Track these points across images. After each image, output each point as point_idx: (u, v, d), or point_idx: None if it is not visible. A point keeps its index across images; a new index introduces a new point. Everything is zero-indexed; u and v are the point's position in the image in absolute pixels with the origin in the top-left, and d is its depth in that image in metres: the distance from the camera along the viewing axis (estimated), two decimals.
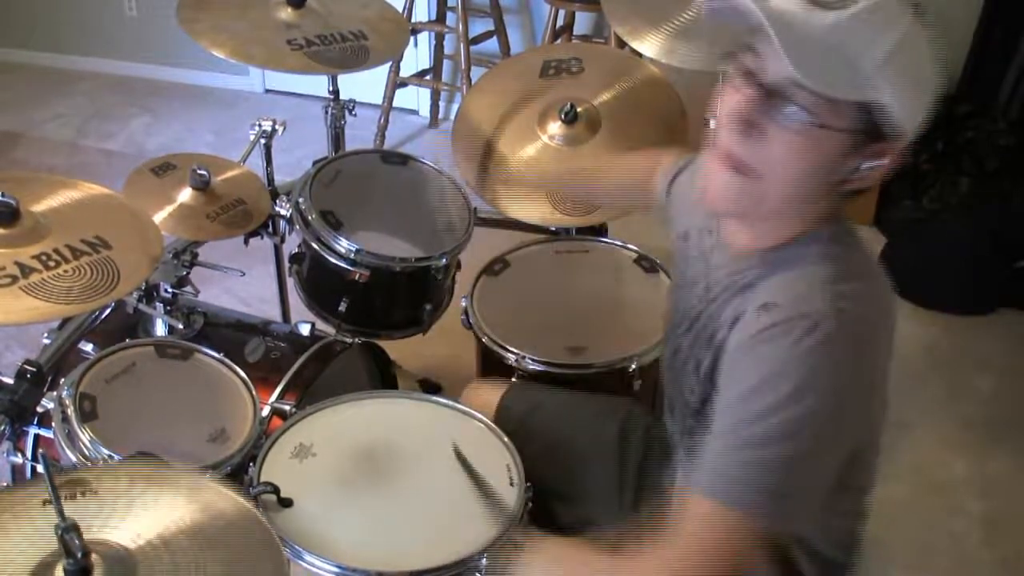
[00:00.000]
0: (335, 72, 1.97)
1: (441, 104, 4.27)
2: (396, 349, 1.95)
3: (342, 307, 1.80)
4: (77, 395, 1.36)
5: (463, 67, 3.74)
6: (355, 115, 2.12)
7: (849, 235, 1.00)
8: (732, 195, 0.96)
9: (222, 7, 1.86)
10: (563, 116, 1.86)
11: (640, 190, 1.37)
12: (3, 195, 1.27)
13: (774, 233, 1.00)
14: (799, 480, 0.90)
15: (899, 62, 0.85)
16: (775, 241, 1.00)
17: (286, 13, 1.86)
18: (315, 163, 1.88)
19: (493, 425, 1.39)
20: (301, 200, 1.78)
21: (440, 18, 3.91)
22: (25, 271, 1.23)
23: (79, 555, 0.88)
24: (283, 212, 1.88)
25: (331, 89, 2.07)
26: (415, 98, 4.31)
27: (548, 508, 1.33)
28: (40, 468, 0.90)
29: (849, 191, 0.94)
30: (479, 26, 3.84)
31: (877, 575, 0.98)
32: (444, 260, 1.81)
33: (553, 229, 2.00)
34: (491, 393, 1.49)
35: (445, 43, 4.05)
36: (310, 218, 1.76)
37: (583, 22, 3.76)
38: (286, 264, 1.98)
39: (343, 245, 1.73)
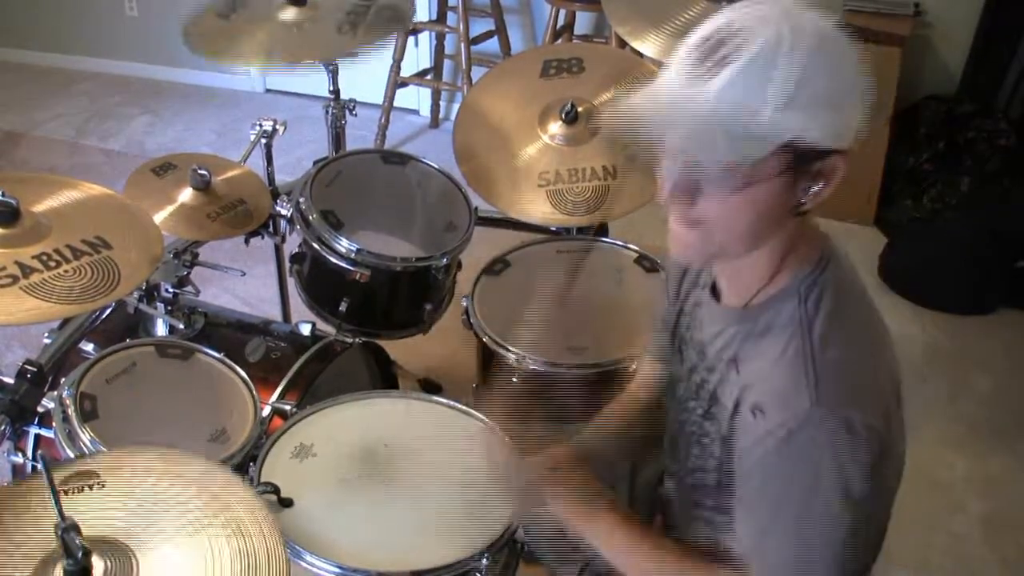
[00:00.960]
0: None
1: (442, 104, 4.27)
2: (396, 349, 1.95)
3: (343, 307, 1.80)
4: (78, 395, 1.36)
5: (464, 67, 3.74)
6: (356, 115, 2.12)
7: (828, 269, 0.97)
8: (692, 245, 0.97)
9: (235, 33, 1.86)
10: (564, 116, 1.86)
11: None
12: (4, 195, 1.28)
13: (747, 285, 1.00)
14: (854, 543, 0.93)
15: (803, 92, 0.84)
16: (750, 295, 0.99)
17: (291, 13, 1.86)
18: (316, 163, 1.88)
19: (493, 425, 1.39)
20: (302, 200, 1.78)
21: (441, 18, 3.91)
22: (26, 271, 1.24)
23: (79, 555, 0.88)
24: (284, 212, 1.89)
25: (332, 89, 2.07)
26: (416, 98, 4.31)
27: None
28: (40, 467, 0.90)
29: (799, 213, 0.93)
30: (480, 26, 3.84)
31: (877, 575, 0.98)
32: (445, 260, 1.81)
33: (554, 229, 2.00)
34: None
35: (446, 43, 4.05)
36: (311, 218, 1.76)
37: (584, 22, 3.76)
38: (287, 264, 1.99)
39: (344, 245, 1.73)
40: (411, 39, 3.94)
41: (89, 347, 1.64)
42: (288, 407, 1.57)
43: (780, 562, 0.95)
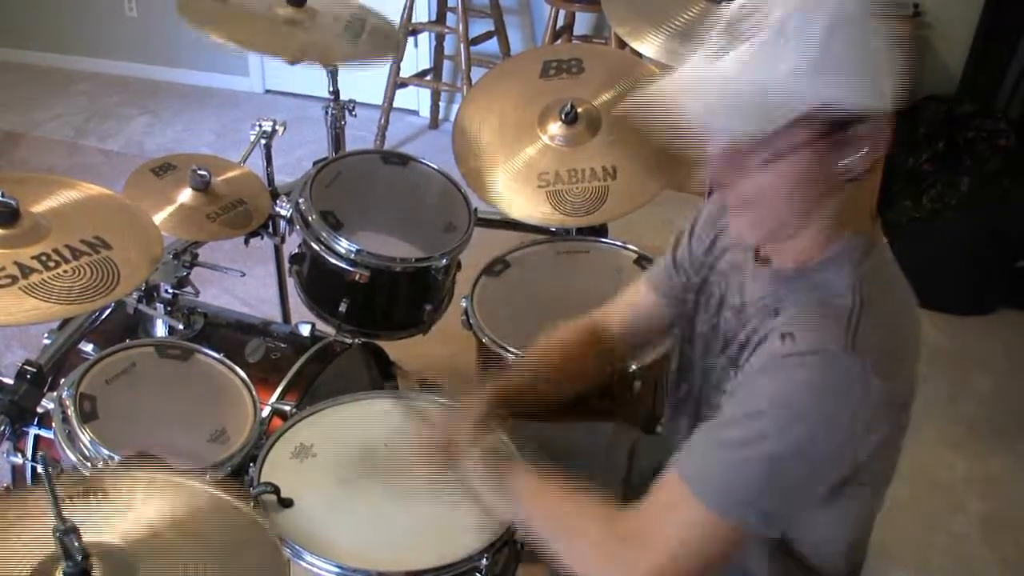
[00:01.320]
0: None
1: (441, 105, 4.27)
2: (396, 349, 1.95)
3: (342, 307, 1.80)
4: (77, 395, 1.36)
5: (463, 67, 3.74)
6: (355, 115, 2.12)
7: (877, 252, 1.00)
8: (748, 228, 0.99)
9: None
10: (563, 116, 1.86)
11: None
12: (3, 195, 1.27)
13: (803, 249, 1.00)
14: (773, 501, 0.92)
15: (823, 59, 0.85)
16: (805, 259, 1.00)
17: (288, 12, 1.86)
18: (315, 163, 1.88)
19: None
20: (301, 200, 1.78)
21: (440, 19, 3.91)
22: (25, 271, 1.23)
23: (79, 558, 0.87)
24: (283, 212, 1.89)
25: (331, 89, 2.07)
26: (415, 98, 4.31)
27: None
28: (39, 468, 0.90)
29: (851, 180, 0.93)
30: (479, 27, 3.85)
31: (877, 574, 0.97)
32: (444, 260, 1.81)
33: (553, 229, 2.00)
34: None
35: (445, 44, 4.05)
36: (310, 218, 1.76)
37: (583, 22, 3.76)
38: (286, 264, 1.99)
39: (343, 246, 1.73)
40: (411, 40, 3.95)
41: (89, 348, 1.64)
42: (288, 407, 1.57)
43: (714, 449, 0.94)
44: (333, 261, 1.74)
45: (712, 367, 1.14)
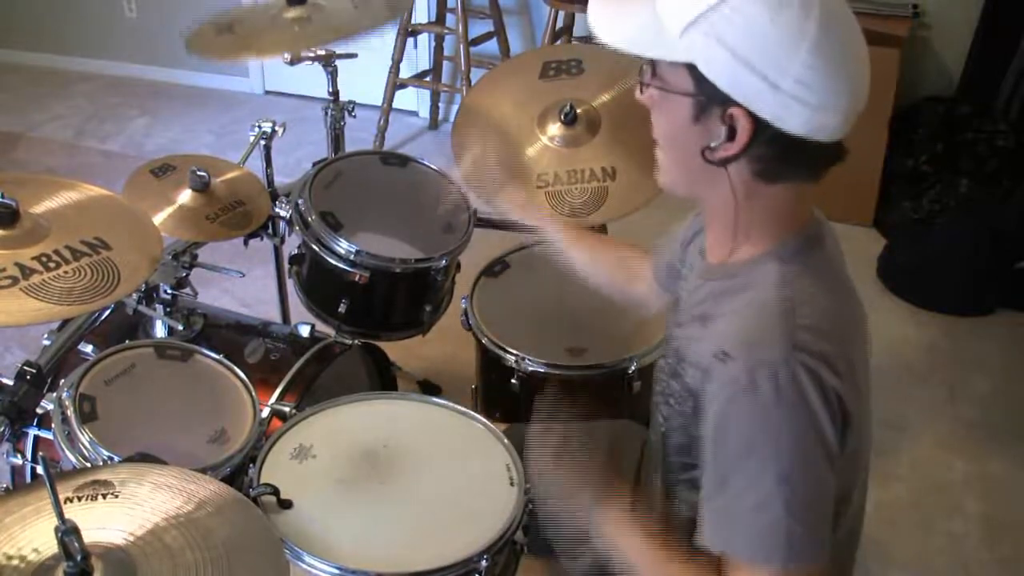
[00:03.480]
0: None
1: (441, 105, 4.27)
2: (396, 350, 1.96)
3: (342, 308, 1.80)
4: (77, 396, 1.36)
5: (463, 68, 3.74)
6: (355, 116, 2.12)
7: (811, 245, 0.99)
8: (658, 171, 1.05)
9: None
10: (563, 117, 1.86)
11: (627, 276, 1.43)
12: (3, 196, 1.27)
13: (727, 239, 1.02)
14: (810, 517, 0.92)
15: (709, 26, 0.87)
16: (737, 257, 1.01)
17: (295, 12, 1.85)
18: (315, 164, 1.88)
19: (492, 426, 1.39)
20: (301, 201, 1.78)
21: (440, 19, 3.91)
22: (25, 272, 1.23)
23: (79, 558, 0.88)
24: (283, 213, 1.89)
25: (331, 90, 2.07)
26: (415, 99, 4.31)
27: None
28: (40, 469, 0.90)
29: (720, 161, 0.94)
30: (479, 27, 3.85)
31: (877, 575, 0.97)
32: (444, 261, 1.81)
33: None
34: None
35: (445, 44, 4.05)
36: (310, 219, 1.76)
37: (583, 23, 3.76)
38: (286, 265, 1.98)
39: (343, 246, 1.73)
40: (410, 41, 3.94)
41: (88, 348, 1.64)
42: (287, 408, 1.57)
43: (735, 514, 0.93)
44: (333, 262, 1.74)
45: (659, 368, 1.16)
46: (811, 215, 1.02)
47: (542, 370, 1.65)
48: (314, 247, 1.76)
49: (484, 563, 1.17)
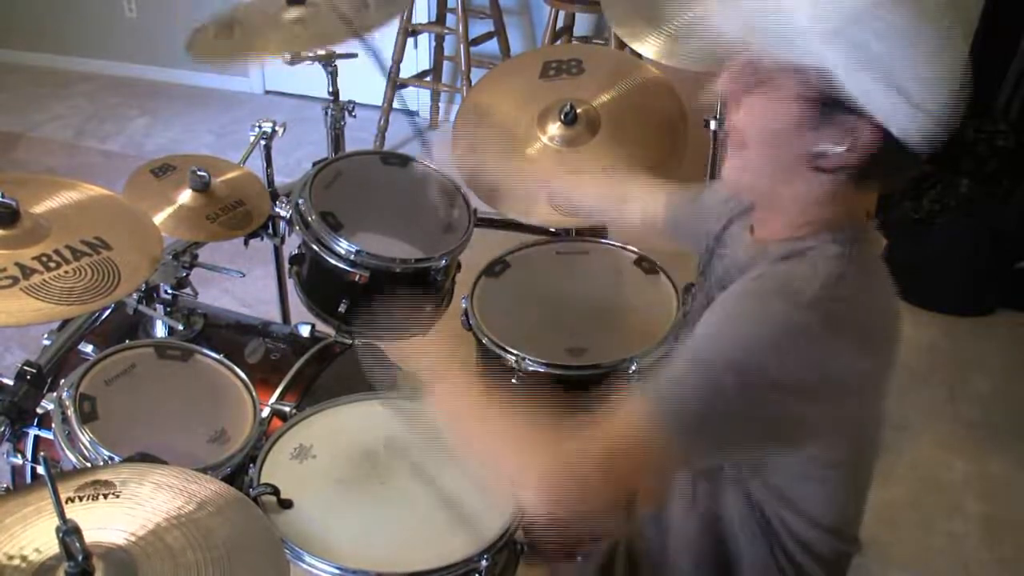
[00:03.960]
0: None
1: (441, 105, 4.27)
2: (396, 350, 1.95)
3: (342, 308, 1.80)
4: (77, 396, 1.36)
5: (463, 68, 3.74)
6: (355, 116, 2.12)
7: (865, 241, 1.00)
8: (734, 169, 1.01)
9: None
10: (563, 117, 1.86)
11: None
12: (3, 196, 1.27)
13: (786, 227, 1.01)
14: (721, 422, 0.91)
15: (853, 35, 0.85)
16: (788, 236, 1.01)
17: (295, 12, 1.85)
18: (315, 164, 1.88)
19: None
20: (301, 201, 1.78)
21: (440, 19, 3.91)
22: (26, 272, 1.23)
23: (80, 558, 0.88)
24: (283, 213, 1.88)
25: (331, 90, 2.07)
26: (415, 99, 4.31)
27: None
28: (40, 469, 0.90)
29: (834, 168, 0.93)
30: (479, 27, 3.85)
31: (877, 575, 0.97)
32: (444, 261, 1.80)
33: (553, 230, 2.00)
34: None
35: (445, 44, 4.05)
36: (310, 219, 1.76)
37: (583, 23, 3.76)
38: (286, 265, 1.98)
39: (343, 246, 1.73)
40: (410, 40, 3.95)
41: (88, 348, 1.64)
42: (287, 408, 1.57)
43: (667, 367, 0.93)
44: (333, 262, 1.74)
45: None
46: (862, 214, 1.02)
47: (542, 370, 1.65)
48: (314, 247, 1.76)
49: (484, 563, 1.17)
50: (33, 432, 1.52)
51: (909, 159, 0.91)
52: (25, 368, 1.43)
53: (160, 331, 1.75)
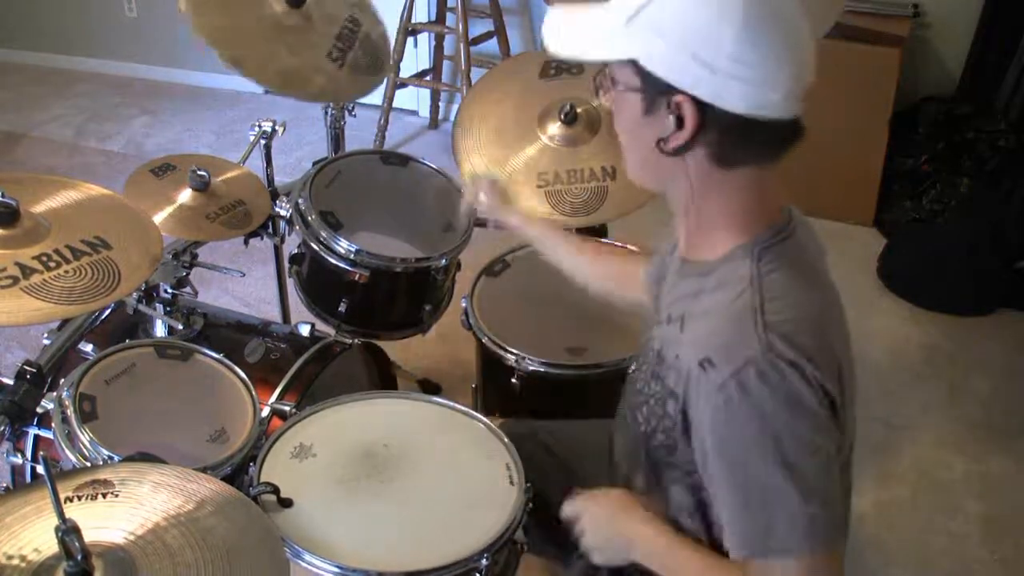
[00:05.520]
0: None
1: (441, 105, 4.27)
2: (396, 350, 1.95)
3: (342, 308, 1.80)
4: (77, 396, 1.36)
5: (463, 68, 3.74)
6: (355, 116, 2.12)
7: (782, 238, 0.99)
8: (627, 165, 1.07)
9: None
10: (563, 117, 1.86)
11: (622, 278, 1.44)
12: (3, 196, 1.27)
13: (697, 237, 1.04)
14: (827, 501, 0.93)
15: (645, 19, 0.91)
16: (699, 249, 1.03)
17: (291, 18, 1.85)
18: (315, 164, 1.88)
19: (493, 425, 1.39)
20: (301, 201, 1.78)
21: (440, 19, 3.91)
22: (26, 272, 1.23)
23: (79, 557, 0.88)
24: (283, 213, 1.89)
25: None
26: (415, 99, 4.31)
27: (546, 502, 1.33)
28: (40, 468, 0.90)
29: (674, 150, 0.96)
30: (479, 27, 3.85)
31: (877, 575, 0.97)
32: (444, 261, 1.81)
33: None
34: None
35: (445, 44, 4.05)
36: (310, 219, 1.76)
37: None
38: (286, 265, 1.98)
39: (343, 246, 1.73)
40: (410, 40, 3.94)
41: (88, 348, 1.64)
42: (287, 408, 1.58)
43: (753, 514, 0.94)
44: (333, 261, 1.75)
45: (638, 368, 1.16)
46: (779, 207, 1.02)
47: (542, 370, 1.66)
48: (314, 246, 1.76)
49: (484, 562, 1.17)
50: (33, 431, 1.52)
51: (766, 128, 0.92)
52: (25, 367, 1.43)
53: (160, 331, 1.75)
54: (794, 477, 0.90)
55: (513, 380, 1.67)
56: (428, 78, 4.08)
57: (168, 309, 1.73)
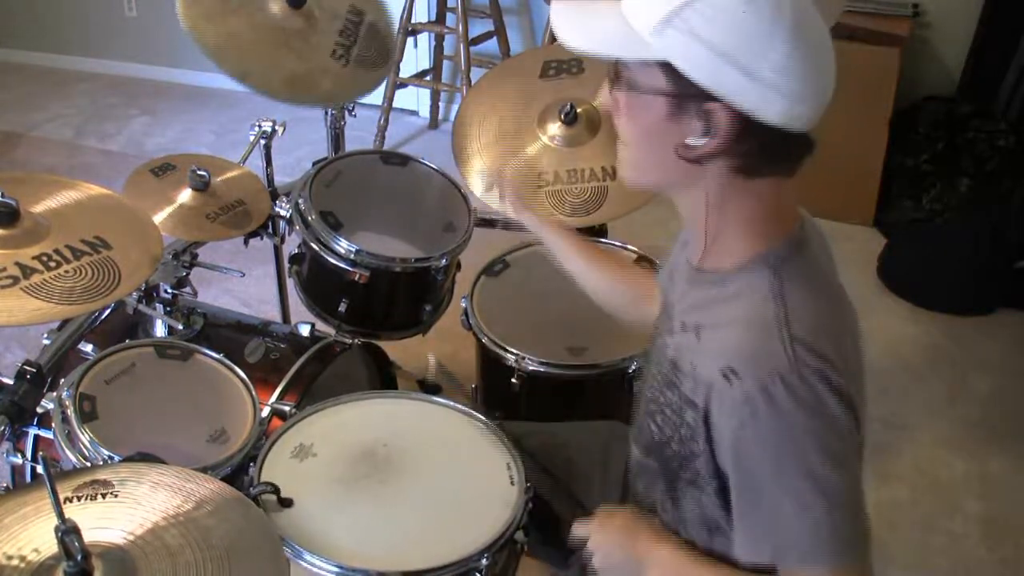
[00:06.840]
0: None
1: (441, 105, 4.27)
2: (396, 350, 1.95)
3: (342, 308, 1.80)
4: (77, 396, 1.36)
5: (463, 68, 3.74)
6: (355, 116, 2.12)
7: (799, 249, 0.99)
8: (622, 166, 1.05)
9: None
10: (563, 117, 1.86)
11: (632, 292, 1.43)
12: (3, 196, 1.27)
13: (712, 246, 1.01)
14: (851, 513, 0.93)
15: (682, 23, 0.87)
16: (724, 265, 1.01)
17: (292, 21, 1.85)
18: (315, 164, 1.88)
19: (493, 425, 1.39)
20: (301, 201, 1.78)
21: (440, 19, 3.91)
22: (26, 272, 1.23)
23: (79, 557, 0.88)
24: (283, 213, 1.89)
25: None
26: (415, 99, 4.31)
27: (545, 502, 1.33)
28: (40, 468, 0.90)
29: (698, 157, 0.94)
30: (479, 27, 3.85)
31: (877, 575, 0.97)
32: (444, 261, 1.81)
33: None
34: None
35: (445, 44, 4.05)
36: (310, 219, 1.76)
37: None
38: (286, 265, 1.99)
39: (343, 246, 1.73)
40: (410, 40, 3.94)
41: (88, 348, 1.64)
42: (287, 408, 1.57)
43: (777, 523, 0.93)
44: (333, 261, 1.75)
45: (651, 375, 1.14)
46: (795, 216, 1.01)
47: (542, 369, 1.66)
48: (314, 246, 1.76)
49: (484, 562, 1.17)
50: (33, 431, 1.52)
51: (791, 141, 0.91)
52: (25, 367, 1.43)
53: (160, 331, 1.75)
54: (820, 487, 0.89)
55: (513, 380, 1.67)
56: (428, 78, 4.08)
57: (168, 309, 1.73)
